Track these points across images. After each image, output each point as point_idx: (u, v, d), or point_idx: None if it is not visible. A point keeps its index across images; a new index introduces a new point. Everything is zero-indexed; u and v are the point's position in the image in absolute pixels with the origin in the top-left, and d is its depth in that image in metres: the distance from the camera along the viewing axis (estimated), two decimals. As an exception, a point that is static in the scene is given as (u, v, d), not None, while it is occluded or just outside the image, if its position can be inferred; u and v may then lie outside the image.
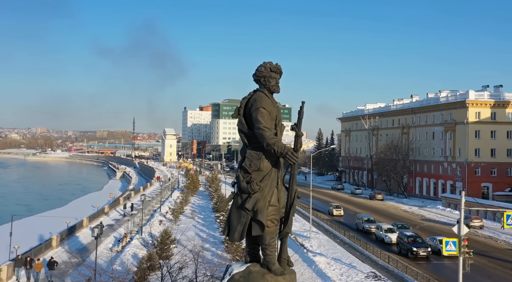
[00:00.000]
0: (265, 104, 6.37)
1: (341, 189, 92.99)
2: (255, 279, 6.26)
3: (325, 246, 37.25)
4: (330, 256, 33.90)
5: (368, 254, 35.90)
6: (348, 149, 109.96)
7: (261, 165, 6.32)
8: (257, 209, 6.20)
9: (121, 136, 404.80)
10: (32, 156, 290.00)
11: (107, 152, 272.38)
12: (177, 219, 45.02)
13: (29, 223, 50.46)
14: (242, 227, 6.36)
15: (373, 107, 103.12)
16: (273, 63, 6.70)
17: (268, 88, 6.58)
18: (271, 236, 6.38)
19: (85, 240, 30.87)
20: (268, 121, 6.31)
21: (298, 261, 31.73)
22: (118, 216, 52.16)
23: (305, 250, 34.20)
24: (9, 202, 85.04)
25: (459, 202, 27.88)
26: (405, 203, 71.48)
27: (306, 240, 38.67)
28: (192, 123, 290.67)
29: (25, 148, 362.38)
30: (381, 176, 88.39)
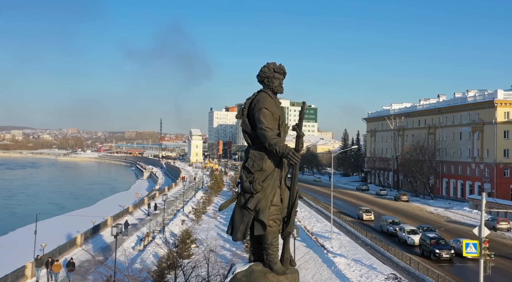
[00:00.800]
0: (268, 105, 6.40)
1: (366, 190, 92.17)
2: (257, 278, 6.30)
3: (346, 247, 37.14)
4: (351, 257, 33.80)
5: (389, 256, 35.65)
6: (374, 150, 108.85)
7: (264, 165, 6.35)
8: (259, 209, 6.24)
9: (149, 136, 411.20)
10: (63, 156, 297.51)
11: (135, 153, 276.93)
12: (199, 219, 45.61)
13: (58, 222, 52.07)
14: (245, 226, 6.41)
15: (399, 107, 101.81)
16: (276, 64, 6.72)
17: (271, 88, 6.62)
18: (273, 236, 6.40)
19: (108, 239, 31.70)
20: (271, 122, 6.34)
21: (317, 262, 31.91)
22: (142, 215, 53.23)
23: (325, 251, 34.22)
24: (42, 201, 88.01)
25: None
26: (431, 204, 70.38)
27: (327, 241, 38.63)
28: (218, 124, 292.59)
29: (57, 148, 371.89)
30: (407, 177, 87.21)
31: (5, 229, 52.20)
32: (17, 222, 56.03)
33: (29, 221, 56.18)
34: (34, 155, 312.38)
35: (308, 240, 38.74)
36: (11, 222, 56.63)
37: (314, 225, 47.30)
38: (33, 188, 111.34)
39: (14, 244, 38.07)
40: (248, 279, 6.36)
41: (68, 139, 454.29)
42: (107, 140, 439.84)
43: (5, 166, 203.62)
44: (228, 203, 7.19)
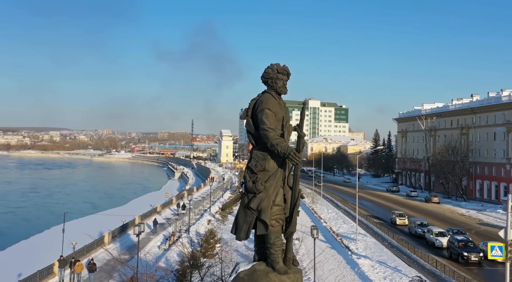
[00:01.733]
0: (271, 105, 6.44)
1: (396, 191, 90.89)
2: (259, 278, 6.34)
3: (371, 248, 36.96)
4: (375, 259, 33.65)
5: (415, 258, 35.27)
6: (405, 151, 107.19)
7: (267, 166, 6.38)
8: (261, 209, 6.27)
9: (180, 137, 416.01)
10: (98, 156, 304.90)
11: (167, 153, 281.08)
12: (225, 219, 46.19)
13: (91, 220, 53.76)
14: (248, 226, 6.47)
15: (430, 107, 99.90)
16: (280, 65, 6.74)
17: (275, 89, 6.65)
18: (276, 235, 6.45)
19: (135, 238, 32.50)
20: (273, 122, 6.38)
21: (341, 263, 31.91)
22: (170, 215, 54.26)
23: (349, 252, 34.16)
24: (78, 199, 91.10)
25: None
26: (463, 206, 68.84)
27: (352, 242, 38.53)
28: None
29: (92, 149, 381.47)
30: (438, 179, 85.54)
31: (41, 227, 54.33)
32: (54, 220, 57.98)
33: (67, 219, 58.45)
34: (70, 156, 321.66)
35: (333, 241, 38.74)
36: (48, 220, 58.70)
37: (340, 226, 47.19)
38: (69, 188, 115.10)
39: (47, 242, 39.59)
40: (251, 278, 6.41)
41: (103, 140, 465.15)
42: (140, 141, 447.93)
43: (43, 166, 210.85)
44: (232, 203, 7.56)
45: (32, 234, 49.60)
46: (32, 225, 59.12)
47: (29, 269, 28.25)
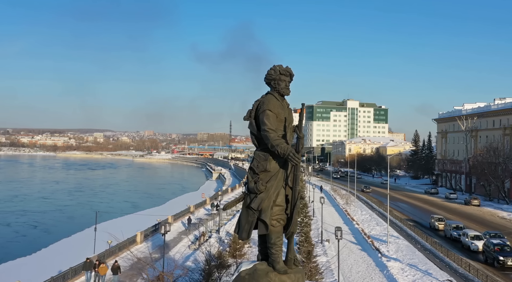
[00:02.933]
0: (272, 107, 6.51)
1: (435, 193, 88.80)
2: (260, 277, 6.41)
3: (402, 251, 36.60)
4: (406, 261, 33.36)
5: (448, 262, 34.68)
6: (444, 152, 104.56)
7: (268, 166, 6.43)
8: (262, 209, 6.33)
9: (219, 138, 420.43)
10: (139, 157, 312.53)
11: (206, 154, 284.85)
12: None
13: (128, 220, 55.64)
14: (250, 226, 6.54)
15: (471, 107, 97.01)
16: (283, 66, 6.78)
17: (278, 90, 6.70)
18: (277, 236, 6.49)
19: (168, 237, 33.45)
20: (274, 123, 6.44)
21: (370, 265, 31.81)
22: (204, 215, 55.37)
23: (379, 255, 33.99)
24: (120, 199, 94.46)
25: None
26: (504, 209, 66.58)
27: (384, 245, 38.26)
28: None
29: (134, 150, 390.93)
30: (479, 181, 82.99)
31: (83, 225, 56.68)
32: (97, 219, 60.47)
33: (107, 218, 60.79)
34: (113, 156, 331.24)
35: (364, 243, 38.61)
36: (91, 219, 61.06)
37: (373, 228, 46.87)
38: (112, 187, 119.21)
39: (85, 240, 41.25)
40: (251, 277, 6.49)
41: (145, 141, 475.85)
42: (180, 142, 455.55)
43: (87, 166, 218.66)
44: (233, 203, 7.39)
45: (74, 232, 51.92)
46: (76, 223, 61.68)
47: (64, 267, 29.33)
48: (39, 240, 50.91)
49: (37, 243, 48.31)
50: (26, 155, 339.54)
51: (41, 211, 74.02)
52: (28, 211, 73.11)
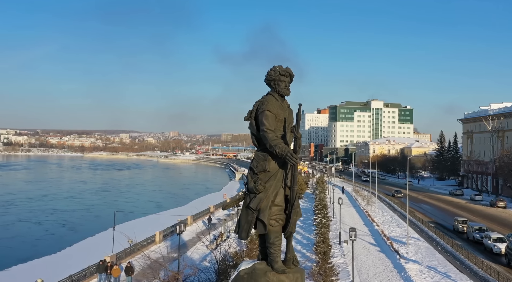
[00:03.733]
0: (271, 107, 6.54)
1: (459, 195, 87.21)
2: (258, 276, 6.45)
3: (422, 253, 36.31)
4: (425, 264, 33.11)
5: (469, 264, 34.23)
6: (470, 153, 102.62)
7: (267, 166, 6.46)
8: (260, 209, 6.37)
9: (243, 139, 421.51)
10: (164, 158, 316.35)
11: (229, 155, 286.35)
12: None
13: (151, 220, 56.68)
14: (249, 226, 6.57)
15: (498, 107, 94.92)
16: (282, 66, 6.79)
17: (277, 91, 6.72)
18: (275, 235, 6.50)
19: (186, 237, 34.10)
20: (273, 124, 6.47)
21: (388, 267, 31.69)
22: (224, 215, 55.93)
23: (397, 256, 33.84)
24: (144, 198, 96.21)
25: None
26: (531, 211, 65.11)
27: (403, 246, 38.02)
28: (309, 126, 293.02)
29: (159, 150, 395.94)
30: (506, 182, 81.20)
31: (108, 225, 58.04)
32: (121, 218, 61.77)
33: (131, 217, 62.17)
34: (138, 157, 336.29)
35: (383, 244, 38.45)
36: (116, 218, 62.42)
37: (393, 229, 46.58)
38: (138, 187, 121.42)
39: (108, 239, 42.30)
40: (250, 277, 6.54)
41: (169, 141, 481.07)
42: (204, 143, 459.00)
43: (113, 166, 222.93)
44: (232, 203, 7.45)
45: (98, 231, 53.26)
46: (101, 222, 63.10)
47: (83, 266, 29.89)
48: (65, 239, 52.41)
49: (63, 242, 49.82)
50: (55, 156, 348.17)
51: (70, 210, 76.17)
52: (57, 210, 75.49)
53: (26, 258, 42.21)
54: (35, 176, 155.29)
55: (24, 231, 58.72)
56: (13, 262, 40.34)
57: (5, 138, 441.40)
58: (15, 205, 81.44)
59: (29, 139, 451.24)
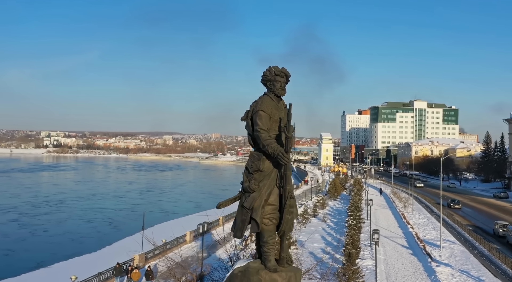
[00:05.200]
0: (265, 107, 6.60)
1: (504, 197, 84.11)
2: (251, 274, 6.52)
3: (456, 256, 35.77)
4: (458, 267, 32.63)
5: (505, 269, 33.43)
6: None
7: (261, 166, 6.51)
8: (253, 207, 6.45)
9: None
10: (205, 159, 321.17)
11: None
12: (306, 221, 47.41)
13: (188, 220, 58.19)
14: (243, 224, 6.64)
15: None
16: (278, 67, 6.82)
17: (273, 91, 6.77)
18: (269, 234, 6.56)
19: (217, 236, 34.86)
20: (266, 124, 6.53)
21: (418, 270, 31.45)
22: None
23: (429, 259, 33.53)
24: (185, 198, 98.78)
25: None
26: None
27: (436, 249, 37.53)
28: (350, 127, 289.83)
29: (201, 152, 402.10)
30: (554, 185, 77.87)
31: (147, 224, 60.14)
32: (163, 218, 63.82)
33: (171, 217, 64.12)
34: (180, 158, 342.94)
35: (416, 247, 38.08)
36: (157, 218, 64.21)
37: (428, 232, 45.95)
38: (179, 188, 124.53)
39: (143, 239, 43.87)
40: (243, 275, 6.62)
41: (211, 143, 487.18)
42: (245, 144, 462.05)
43: (156, 168, 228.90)
44: (228, 202, 7.38)
45: (138, 231, 55.30)
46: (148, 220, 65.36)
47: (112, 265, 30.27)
48: (108, 236, 54.74)
49: (106, 239, 52.09)
50: (101, 157, 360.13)
51: (116, 209, 79.30)
52: (105, 209, 78.93)
53: (72, 255, 44.67)
54: (83, 177, 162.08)
55: (73, 228, 61.78)
56: (60, 258, 42.68)
57: (55, 140, 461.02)
58: (66, 203, 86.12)
59: (77, 141, 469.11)
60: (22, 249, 49.34)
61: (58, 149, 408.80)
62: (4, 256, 46.13)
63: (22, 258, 44.74)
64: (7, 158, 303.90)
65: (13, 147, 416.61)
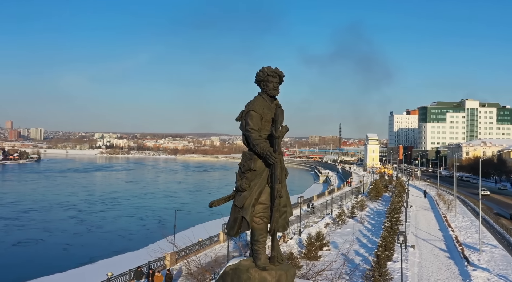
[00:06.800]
0: (256, 107, 6.66)
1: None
2: (241, 272, 6.58)
3: (496, 261, 35.05)
4: (496, 272, 32.05)
5: (548, 275, 32.65)
6: None
7: (253, 165, 6.57)
8: (243, 206, 6.51)
9: (331, 141, 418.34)
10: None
11: (316, 157, 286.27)
12: (343, 223, 47.64)
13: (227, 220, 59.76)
14: (235, 223, 6.70)
15: None
16: (271, 67, 6.87)
17: (266, 91, 6.82)
18: (260, 233, 6.64)
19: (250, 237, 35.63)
20: (257, 123, 6.59)
21: (453, 274, 31.16)
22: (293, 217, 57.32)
23: (465, 263, 33.18)
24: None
25: None
26: None
27: (476, 253, 36.91)
28: (398, 128, 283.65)
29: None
30: None
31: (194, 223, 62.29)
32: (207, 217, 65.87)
33: (214, 217, 65.98)
34: (227, 159, 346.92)
35: (454, 251, 37.67)
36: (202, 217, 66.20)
37: (470, 235, 45.08)
38: (226, 188, 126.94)
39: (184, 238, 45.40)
40: (234, 272, 6.71)
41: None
42: (292, 145, 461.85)
43: (203, 168, 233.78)
44: (221, 200, 7.32)
45: (182, 230, 57.36)
46: (190, 219, 67.62)
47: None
48: (155, 234, 57.13)
49: (152, 237, 54.28)
50: (150, 158, 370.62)
51: (166, 207, 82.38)
52: (156, 207, 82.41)
53: (120, 251, 47.37)
54: (134, 177, 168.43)
55: (125, 225, 65.15)
56: (108, 254, 45.37)
57: (107, 141, 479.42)
58: (119, 202, 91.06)
59: (128, 142, 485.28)
60: (78, 244, 52.83)
61: (110, 150, 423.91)
62: (62, 251, 49.71)
63: (76, 253, 47.77)
64: (63, 158, 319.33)
65: (69, 148, 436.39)
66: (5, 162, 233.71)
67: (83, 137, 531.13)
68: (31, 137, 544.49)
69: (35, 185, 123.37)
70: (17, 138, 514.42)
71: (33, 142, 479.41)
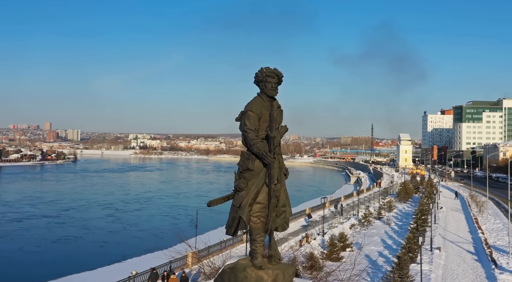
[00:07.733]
0: (254, 107, 6.72)
1: None
2: (238, 271, 6.66)
3: (525, 264, 34.57)
4: (525, 276, 31.68)
5: None
6: None
7: (251, 165, 6.66)
8: (240, 206, 6.62)
9: (363, 142, 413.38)
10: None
11: (347, 158, 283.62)
12: (368, 224, 47.49)
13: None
14: (234, 222, 6.83)
15: None
16: (270, 68, 6.91)
17: (264, 92, 6.86)
18: (257, 232, 6.67)
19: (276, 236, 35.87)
20: (254, 124, 6.66)
21: (478, 278, 30.67)
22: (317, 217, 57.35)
23: (493, 266, 32.77)
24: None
25: None
26: None
27: (505, 256, 36.35)
28: (432, 128, 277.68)
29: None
30: None
31: (220, 224, 63.35)
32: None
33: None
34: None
35: (482, 253, 37.13)
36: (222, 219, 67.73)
37: (500, 238, 44.24)
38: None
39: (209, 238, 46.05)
40: (231, 271, 6.80)
41: (289, 144, 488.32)
42: (324, 146, 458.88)
43: (234, 168, 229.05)
44: (220, 200, 7.40)
45: (208, 230, 58.50)
46: (219, 220, 69.03)
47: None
48: (184, 234, 58.60)
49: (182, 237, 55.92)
50: (183, 158, 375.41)
51: (198, 207, 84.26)
52: (189, 207, 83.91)
53: (150, 249, 48.73)
54: (167, 177, 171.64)
55: (158, 224, 66.92)
56: (140, 252, 46.89)
57: (141, 142, 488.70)
58: (153, 201, 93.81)
59: (161, 143, 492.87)
60: (113, 242, 54.96)
61: (144, 150, 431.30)
62: (98, 248, 51.74)
63: (111, 251, 49.79)
64: (98, 158, 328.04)
65: (104, 149, 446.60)
66: (44, 162, 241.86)
67: (118, 138, 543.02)
68: (69, 138, 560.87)
69: (73, 185, 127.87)
70: (55, 139, 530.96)
71: (70, 143, 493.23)
